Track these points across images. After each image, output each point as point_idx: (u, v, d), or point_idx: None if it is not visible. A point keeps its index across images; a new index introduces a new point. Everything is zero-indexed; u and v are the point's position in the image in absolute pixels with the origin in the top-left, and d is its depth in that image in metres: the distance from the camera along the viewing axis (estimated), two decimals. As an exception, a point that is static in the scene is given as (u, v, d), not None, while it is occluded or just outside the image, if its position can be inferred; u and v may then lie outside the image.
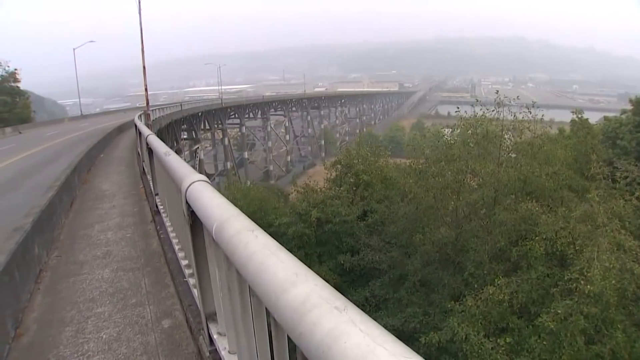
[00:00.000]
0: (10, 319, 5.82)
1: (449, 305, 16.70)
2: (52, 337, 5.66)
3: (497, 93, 23.08)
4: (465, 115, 24.92)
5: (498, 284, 15.36)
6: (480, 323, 15.22)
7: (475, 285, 16.91)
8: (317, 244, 24.61)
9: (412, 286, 20.84)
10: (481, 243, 19.24)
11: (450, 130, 26.49)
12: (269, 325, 2.26)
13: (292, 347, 2.04)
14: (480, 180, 21.94)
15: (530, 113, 23.41)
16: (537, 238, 16.33)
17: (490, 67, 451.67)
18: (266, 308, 2.10)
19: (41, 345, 5.54)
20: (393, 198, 25.80)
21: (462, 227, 21.07)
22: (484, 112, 23.46)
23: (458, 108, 27.80)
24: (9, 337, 5.60)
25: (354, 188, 28.18)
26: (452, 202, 21.62)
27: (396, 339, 1.15)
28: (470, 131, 23.47)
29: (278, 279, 1.59)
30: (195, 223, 3.46)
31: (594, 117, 43.80)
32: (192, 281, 4.80)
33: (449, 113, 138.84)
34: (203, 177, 3.50)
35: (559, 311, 13.26)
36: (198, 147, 71.53)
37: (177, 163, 4.69)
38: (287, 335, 1.94)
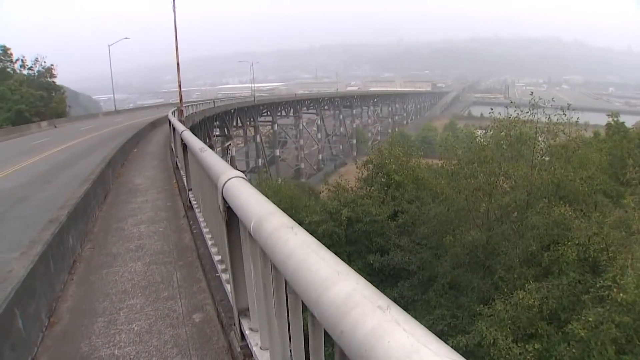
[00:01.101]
0: (44, 307, 5.92)
1: (478, 309, 16.57)
2: (85, 327, 5.74)
3: (531, 94, 22.83)
4: (498, 117, 24.69)
5: (528, 289, 15.17)
6: (509, 328, 15.06)
7: (505, 290, 16.72)
8: (347, 243, 24.55)
9: (441, 288, 20.69)
10: (512, 247, 19.05)
11: (484, 131, 26.26)
12: (304, 322, 2.27)
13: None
14: (513, 182, 21.67)
15: (565, 115, 23.07)
16: (569, 243, 16.10)
17: (524, 68, 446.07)
18: (303, 305, 2.11)
19: (73, 334, 5.62)
20: (424, 199, 25.62)
21: (493, 230, 20.86)
22: (517, 114, 23.24)
23: (492, 109, 27.55)
24: (42, 325, 5.70)
25: (385, 188, 28.01)
26: (484, 205, 21.44)
27: (440, 340, 1.14)
28: (503, 133, 23.25)
29: (319, 276, 1.58)
30: (231, 219, 3.48)
31: (630, 121, 43.13)
32: (225, 276, 4.82)
33: (481, 114, 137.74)
34: (240, 173, 3.50)
35: (590, 319, 13.05)
36: (230, 144, 71.86)
37: (213, 159, 4.70)
38: (323, 334, 1.96)
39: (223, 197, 3.39)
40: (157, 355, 4.96)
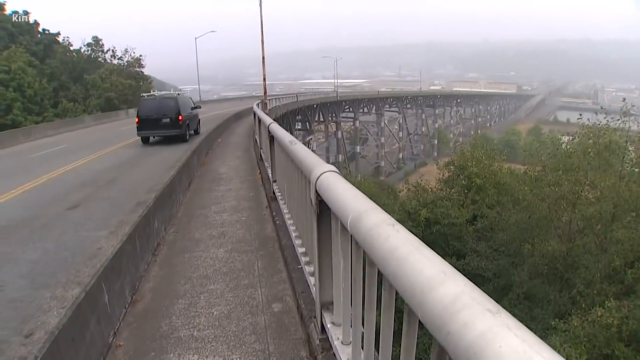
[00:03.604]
0: (129, 285, 6.15)
1: (553, 323, 16.14)
2: (166, 307, 5.94)
3: (623, 101, 22.11)
4: (587, 123, 23.98)
5: (608, 307, 14.62)
6: (584, 346, 14.54)
7: (583, 305, 16.22)
8: (424, 244, 24.36)
9: (516, 298, 20.25)
10: (594, 261, 18.43)
11: (571, 137, 25.55)
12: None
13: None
14: (599, 193, 20.96)
15: (659, 124, 22.22)
16: (656, 261, 15.47)
17: (615, 72, 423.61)
18: (397, 303, 2.11)
19: (154, 313, 5.84)
20: (505, 204, 25.16)
21: (574, 242, 20.27)
22: (607, 121, 22.52)
23: (580, 115, 26.78)
24: (125, 302, 5.94)
25: (466, 191, 27.72)
26: (567, 214, 20.86)
27: (552, 349, 1.12)
28: (591, 140, 22.56)
29: (424, 275, 1.57)
30: (322, 212, 3.49)
31: None
32: (308, 269, 4.84)
33: (568, 120, 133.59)
34: (333, 167, 3.50)
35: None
36: (311, 139, 72.36)
37: (304, 153, 4.71)
38: (417, 333, 1.96)
39: (316, 191, 3.41)
40: (234, 340, 5.05)
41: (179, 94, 27.55)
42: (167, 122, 23.89)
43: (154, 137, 25.13)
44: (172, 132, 23.99)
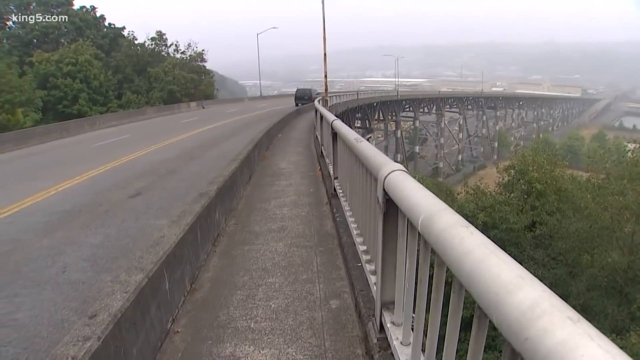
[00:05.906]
0: (189, 274, 6.27)
1: (609, 338, 15.67)
2: (224, 298, 6.03)
3: None
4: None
5: (670, 326, 14.20)
6: (642, 366, 14.15)
7: (643, 322, 15.78)
8: (479, 249, 24.10)
9: (572, 310, 19.81)
10: (658, 276, 17.93)
11: (637, 145, 24.85)
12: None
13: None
14: (666, 204, 20.34)
15: None
16: None
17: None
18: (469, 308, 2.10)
19: (213, 302, 5.93)
20: (565, 212, 24.60)
21: (636, 255, 19.71)
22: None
23: (648, 121, 26.06)
24: (185, 290, 6.07)
25: (525, 196, 27.21)
26: (630, 225, 20.31)
27: (637, 362, 1.10)
28: (660, 148, 21.94)
29: (501, 279, 1.55)
30: (389, 211, 3.47)
31: None
32: (369, 267, 4.83)
33: (634, 126, 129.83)
34: (402, 166, 3.50)
35: None
36: (370, 137, 72.29)
37: (371, 151, 4.70)
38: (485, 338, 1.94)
39: (384, 189, 3.41)
40: (291, 334, 5.09)
41: (311, 87, 65.48)
42: (306, 98, 53.47)
43: (301, 103, 52.29)
44: (308, 102, 49.71)
